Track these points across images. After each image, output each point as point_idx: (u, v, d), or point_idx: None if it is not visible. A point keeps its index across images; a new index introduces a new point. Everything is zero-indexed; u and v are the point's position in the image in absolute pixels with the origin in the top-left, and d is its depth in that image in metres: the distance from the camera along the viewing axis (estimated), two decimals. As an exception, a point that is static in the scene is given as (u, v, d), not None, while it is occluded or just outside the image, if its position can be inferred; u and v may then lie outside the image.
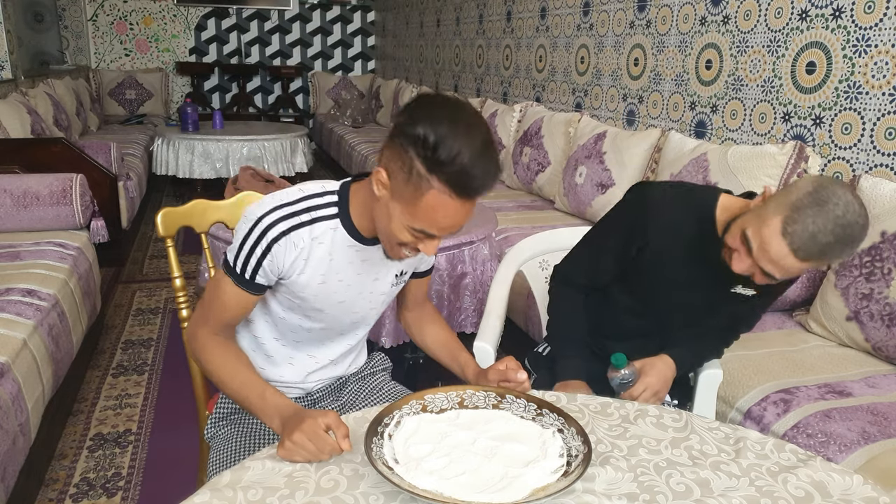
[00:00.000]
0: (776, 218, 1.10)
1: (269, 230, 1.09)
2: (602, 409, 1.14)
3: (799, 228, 1.07)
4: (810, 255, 1.08)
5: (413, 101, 1.00)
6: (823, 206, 1.06)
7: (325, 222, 1.12)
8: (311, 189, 1.14)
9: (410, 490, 0.86)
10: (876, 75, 2.10)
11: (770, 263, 1.13)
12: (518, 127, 3.96)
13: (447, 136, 0.93)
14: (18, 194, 2.70)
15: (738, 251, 1.19)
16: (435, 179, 0.95)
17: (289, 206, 1.11)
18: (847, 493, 0.92)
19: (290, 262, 1.12)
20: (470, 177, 0.95)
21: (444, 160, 0.93)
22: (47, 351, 1.98)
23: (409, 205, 0.99)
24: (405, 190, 0.99)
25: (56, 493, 1.91)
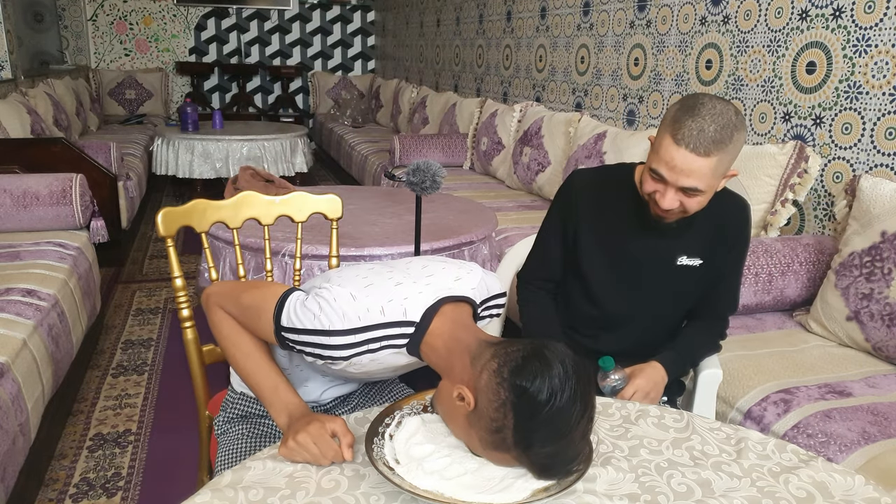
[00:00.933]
0: (665, 138, 1.24)
1: (331, 350, 1.01)
2: (603, 409, 1.14)
3: (685, 132, 1.20)
4: (707, 147, 1.20)
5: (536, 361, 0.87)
6: (695, 108, 1.21)
7: (393, 349, 1.05)
8: (392, 314, 1.03)
9: (411, 490, 0.86)
10: (876, 75, 2.10)
11: (683, 175, 1.23)
12: (518, 127, 3.96)
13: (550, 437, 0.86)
14: (18, 194, 2.70)
15: (657, 190, 1.29)
16: (517, 454, 0.89)
17: (363, 333, 1.01)
18: (849, 494, 0.92)
19: (339, 368, 1.07)
20: (549, 474, 0.90)
21: (535, 453, 0.87)
22: (47, 351, 1.98)
23: (480, 442, 0.92)
24: (483, 432, 0.90)
25: (56, 493, 1.91)
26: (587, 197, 1.47)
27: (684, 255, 1.42)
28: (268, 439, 1.26)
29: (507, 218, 3.12)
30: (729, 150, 1.22)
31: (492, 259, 2.37)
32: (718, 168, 1.24)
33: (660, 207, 1.30)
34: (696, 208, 1.29)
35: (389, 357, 1.06)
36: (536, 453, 0.87)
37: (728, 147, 1.22)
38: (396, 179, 2.12)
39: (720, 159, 1.22)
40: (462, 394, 0.92)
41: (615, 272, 1.46)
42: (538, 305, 1.58)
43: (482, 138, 4.27)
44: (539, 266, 1.58)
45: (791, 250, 2.04)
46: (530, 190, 3.69)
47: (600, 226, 1.46)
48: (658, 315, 1.51)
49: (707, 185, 1.24)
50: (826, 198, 2.30)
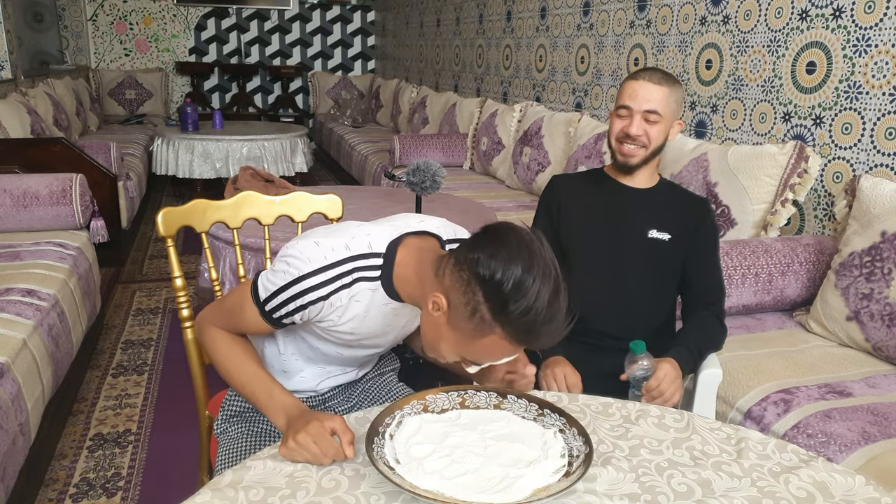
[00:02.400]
0: (625, 83, 1.55)
1: (309, 293, 1.05)
2: (603, 409, 1.14)
3: (641, 72, 1.53)
4: (660, 79, 1.51)
5: (486, 237, 0.93)
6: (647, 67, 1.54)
7: (366, 283, 1.08)
8: (357, 247, 1.08)
9: (412, 490, 0.86)
10: (876, 75, 2.10)
11: (645, 100, 1.51)
12: (518, 127, 3.96)
13: (519, 289, 0.88)
14: (18, 194, 2.69)
15: (625, 125, 1.54)
16: (499, 327, 0.91)
17: (333, 269, 1.05)
18: (849, 494, 0.92)
19: (325, 316, 1.09)
20: (536, 333, 0.91)
21: (512, 314, 0.89)
22: (47, 351, 1.98)
23: (467, 339, 0.95)
24: (464, 325, 0.94)
25: (56, 493, 1.91)
26: (568, 189, 1.68)
27: (654, 229, 1.58)
28: (267, 438, 1.26)
29: (506, 218, 3.12)
30: (676, 90, 1.53)
31: (492, 259, 2.37)
32: (670, 99, 1.52)
33: (629, 137, 1.53)
34: (656, 138, 1.53)
35: (369, 297, 1.09)
36: (515, 314, 0.89)
37: (675, 87, 1.53)
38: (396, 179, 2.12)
39: (670, 92, 1.52)
40: (435, 301, 0.96)
41: (593, 243, 1.61)
42: None
43: (482, 138, 4.27)
44: None
45: (791, 250, 2.04)
46: (530, 190, 3.69)
47: (579, 204, 1.65)
48: (640, 293, 1.58)
49: (664, 111, 1.51)
50: (826, 198, 2.30)
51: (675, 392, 1.38)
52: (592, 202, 1.64)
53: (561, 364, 1.44)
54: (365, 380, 1.41)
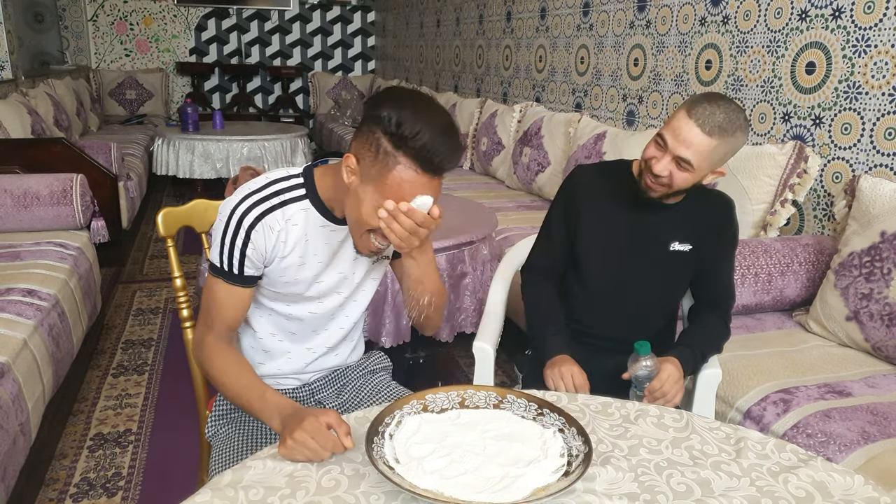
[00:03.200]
0: (680, 111, 1.37)
1: (244, 219, 1.13)
2: (603, 408, 1.14)
3: (700, 109, 1.34)
4: (713, 128, 1.33)
5: (380, 91, 1.09)
6: (715, 98, 1.36)
7: (296, 203, 1.16)
8: (276, 175, 1.18)
9: (411, 490, 0.86)
10: (876, 75, 2.10)
11: (683, 146, 1.35)
12: (518, 127, 3.96)
13: (410, 116, 1.00)
14: (19, 194, 2.70)
15: (655, 156, 1.39)
16: (401, 154, 1.01)
17: (257, 193, 1.15)
18: (848, 494, 0.93)
19: (271, 246, 1.15)
20: (433, 152, 1.01)
21: (408, 136, 1.00)
22: (47, 351, 1.98)
23: (379, 184, 1.04)
24: (373, 169, 1.04)
25: (56, 493, 1.92)
26: (589, 184, 1.58)
27: (676, 241, 1.51)
28: (260, 438, 1.26)
29: (507, 218, 3.12)
30: (728, 142, 1.35)
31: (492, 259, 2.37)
32: (714, 154, 1.35)
33: (652, 172, 1.40)
34: (681, 185, 1.40)
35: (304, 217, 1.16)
36: (410, 135, 1.00)
37: (728, 138, 1.34)
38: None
39: (718, 145, 1.34)
40: (347, 165, 1.07)
41: (612, 255, 1.55)
42: (541, 293, 1.61)
43: (482, 138, 4.27)
44: (542, 256, 1.64)
45: (790, 250, 2.04)
46: (530, 190, 3.69)
47: (601, 212, 1.56)
48: (651, 301, 1.57)
49: (698, 164, 1.36)
50: (825, 198, 2.30)
51: (677, 393, 1.39)
52: (613, 211, 1.55)
53: (568, 363, 1.43)
54: (356, 376, 1.41)
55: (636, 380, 1.39)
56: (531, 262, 1.67)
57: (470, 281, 2.28)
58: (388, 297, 2.10)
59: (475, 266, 2.29)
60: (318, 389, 1.37)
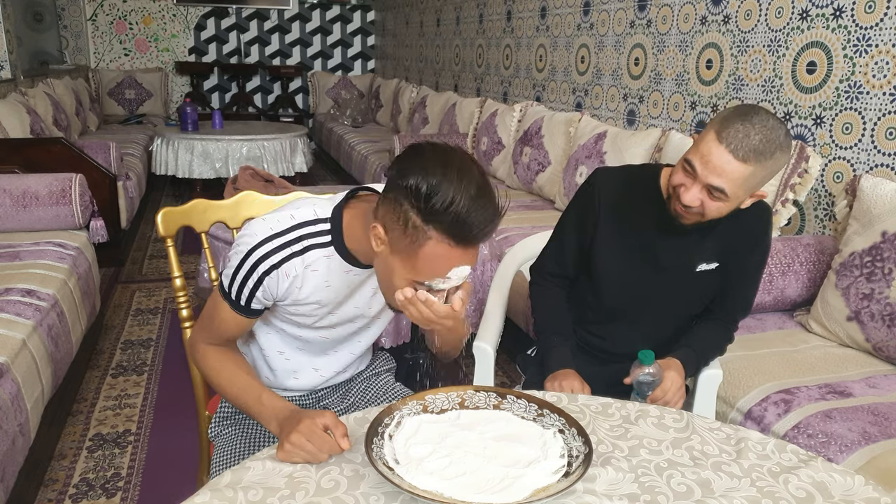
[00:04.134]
0: (710, 133, 1.21)
1: (260, 263, 1.08)
2: (603, 409, 1.14)
3: (731, 131, 1.18)
4: (748, 153, 1.17)
5: (402, 153, 0.98)
6: (748, 114, 1.19)
7: (319, 250, 1.10)
8: (302, 215, 1.11)
9: (411, 490, 0.86)
10: (876, 75, 2.09)
11: (714, 174, 1.20)
12: (518, 127, 3.95)
13: (440, 185, 0.90)
14: (18, 194, 2.69)
15: (684, 184, 1.26)
16: (432, 229, 0.93)
17: (280, 237, 1.08)
18: (848, 494, 0.92)
19: (283, 289, 1.11)
20: (468, 224, 0.92)
21: (438, 209, 0.91)
22: (47, 351, 1.98)
23: (410, 258, 0.96)
24: (403, 243, 0.96)
25: (56, 494, 1.91)
26: (610, 196, 1.44)
27: (703, 263, 1.41)
28: (262, 440, 1.26)
29: (507, 218, 3.10)
30: (766, 166, 1.20)
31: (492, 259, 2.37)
32: (750, 180, 1.20)
33: (681, 202, 1.27)
34: (714, 215, 1.26)
35: (326, 265, 1.10)
36: (440, 208, 0.90)
37: (766, 162, 1.19)
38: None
39: (755, 171, 1.19)
40: (374, 233, 1.00)
41: (633, 274, 1.45)
42: (549, 297, 1.56)
43: (482, 138, 4.27)
44: (553, 262, 1.57)
45: (791, 250, 2.04)
46: (530, 190, 3.69)
47: (622, 226, 1.43)
48: (668, 319, 1.51)
49: (733, 193, 1.21)
50: (826, 198, 2.30)
51: (679, 401, 1.37)
52: (635, 225, 1.42)
53: (570, 378, 1.39)
54: (361, 379, 1.40)
55: (638, 386, 1.37)
56: (541, 265, 1.60)
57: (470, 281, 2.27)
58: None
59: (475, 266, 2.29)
60: (324, 396, 1.37)
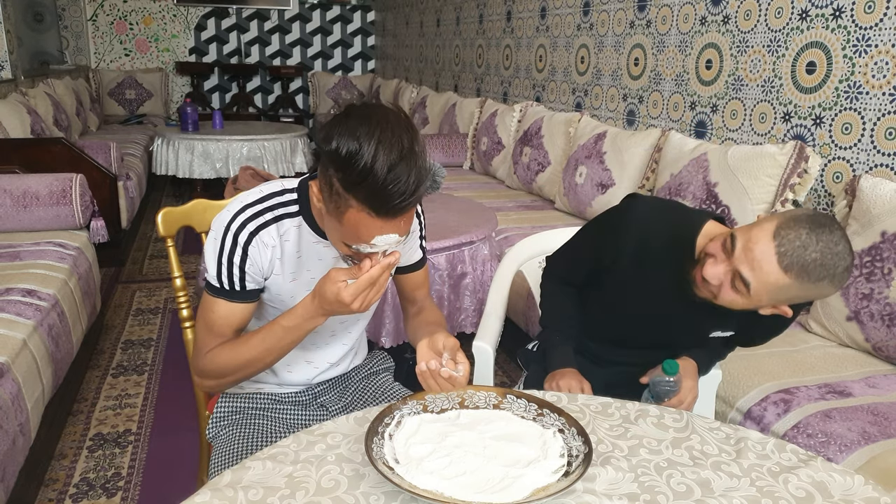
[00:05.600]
0: (771, 222, 1.09)
1: (240, 233, 1.09)
2: (603, 409, 1.14)
3: (792, 235, 1.05)
4: (793, 265, 1.05)
5: (334, 117, 0.96)
6: (821, 227, 1.05)
7: (289, 220, 1.13)
8: (270, 188, 1.14)
9: (411, 490, 0.86)
10: (876, 75, 2.09)
11: (749, 265, 1.08)
12: (518, 127, 3.96)
13: (358, 153, 0.89)
14: (18, 194, 2.70)
15: (715, 256, 1.14)
16: (351, 198, 0.92)
17: (251, 208, 1.11)
18: (848, 494, 0.92)
19: (267, 261, 1.12)
20: (384, 196, 0.91)
21: (355, 180, 0.90)
22: (47, 351, 1.98)
23: (337, 222, 0.98)
24: (331, 206, 0.97)
25: (56, 494, 1.91)
26: (640, 233, 1.30)
27: (718, 330, 1.35)
28: (261, 440, 1.26)
29: (507, 218, 3.12)
30: (808, 288, 1.07)
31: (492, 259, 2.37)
32: (781, 292, 1.09)
33: (700, 273, 1.17)
34: (726, 304, 1.16)
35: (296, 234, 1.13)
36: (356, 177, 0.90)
37: (808, 284, 1.07)
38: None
39: (791, 286, 1.07)
40: (312, 190, 1.03)
41: (642, 320, 1.39)
42: (560, 294, 1.53)
43: (482, 138, 4.27)
44: (565, 271, 1.52)
45: (791, 250, 2.04)
46: (530, 190, 3.69)
47: (643, 266, 1.32)
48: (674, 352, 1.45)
49: (755, 293, 1.10)
50: (826, 198, 2.30)
51: (691, 407, 1.36)
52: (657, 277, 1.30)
53: (568, 377, 1.37)
54: (359, 378, 1.40)
55: (654, 389, 1.33)
56: (552, 268, 1.54)
57: (470, 281, 2.27)
58: (388, 297, 2.10)
59: (475, 266, 2.29)
60: (322, 393, 1.37)
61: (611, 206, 1.44)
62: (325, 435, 1.02)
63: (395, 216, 0.95)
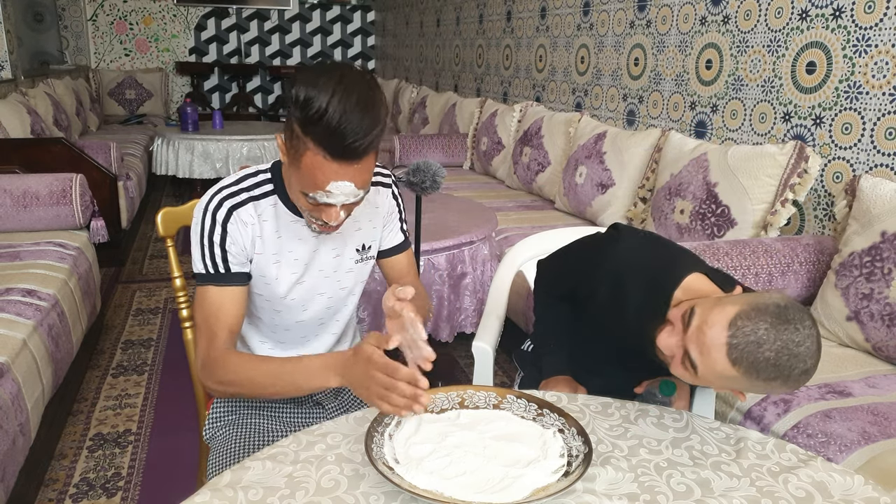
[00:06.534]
0: (733, 307, 0.96)
1: (217, 213, 1.12)
2: (603, 409, 1.14)
3: (749, 328, 0.93)
4: (741, 360, 0.94)
5: (301, 70, 1.01)
6: (785, 323, 0.93)
7: (265, 199, 1.15)
8: (245, 172, 1.17)
9: (411, 490, 0.86)
10: (876, 75, 2.09)
11: (697, 348, 0.98)
12: (518, 127, 3.96)
13: (317, 94, 0.93)
14: (18, 194, 2.69)
15: (674, 326, 1.05)
16: (309, 140, 0.96)
17: (226, 189, 1.14)
18: (848, 494, 0.92)
19: (248, 240, 1.14)
20: (339, 135, 0.94)
21: (312, 117, 0.94)
22: (47, 351, 1.98)
23: (296, 168, 1.01)
24: (291, 153, 1.00)
25: (56, 494, 1.91)
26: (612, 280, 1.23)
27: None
28: (258, 440, 1.26)
29: (507, 218, 3.12)
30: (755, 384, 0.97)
31: (492, 259, 2.37)
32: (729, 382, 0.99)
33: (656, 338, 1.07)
34: (678, 375, 1.06)
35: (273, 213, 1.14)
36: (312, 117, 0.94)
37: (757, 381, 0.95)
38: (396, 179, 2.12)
39: (739, 378, 0.96)
40: (277, 142, 1.04)
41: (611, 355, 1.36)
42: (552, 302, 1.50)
43: (482, 138, 4.27)
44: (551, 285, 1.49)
45: (791, 250, 2.04)
46: (530, 190, 3.69)
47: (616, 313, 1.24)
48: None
49: (703, 376, 1.01)
50: (826, 198, 2.30)
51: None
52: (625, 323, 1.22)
53: (561, 384, 1.37)
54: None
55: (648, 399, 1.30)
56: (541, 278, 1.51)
57: (470, 281, 2.27)
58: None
59: (475, 266, 2.28)
60: (324, 401, 1.37)
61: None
62: (325, 435, 1.02)
63: (350, 160, 0.97)
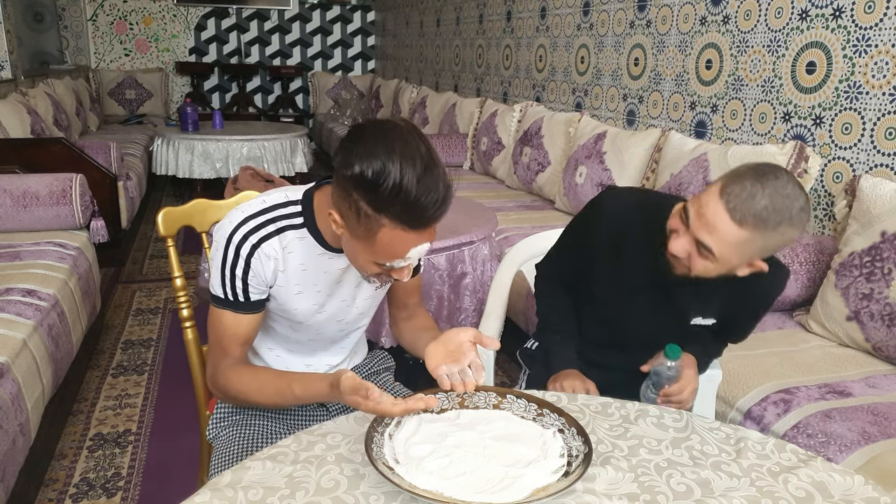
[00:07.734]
0: (716, 185, 1.10)
1: (241, 245, 1.09)
2: (603, 409, 1.14)
3: (737, 189, 1.06)
4: (745, 217, 1.05)
5: (346, 136, 0.97)
6: (764, 175, 1.06)
7: (293, 231, 1.11)
8: (273, 199, 1.12)
9: (411, 490, 0.86)
10: (876, 75, 2.09)
11: (706, 230, 1.09)
12: (518, 127, 3.96)
13: (384, 170, 0.89)
14: (18, 194, 2.69)
15: (677, 230, 1.16)
16: (384, 218, 0.93)
17: (253, 219, 1.10)
18: (848, 494, 0.92)
19: (270, 273, 1.12)
20: (418, 209, 0.92)
21: (387, 198, 0.90)
22: (47, 351, 1.98)
23: (368, 243, 0.97)
24: (360, 230, 0.96)
25: (56, 494, 1.91)
26: (616, 219, 1.32)
27: (700, 316, 1.33)
28: (261, 440, 1.26)
29: (507, 218, 3.12)
30: (767, 236, 1.07)
31: (492, 259, 2.37)
32: (745, 247, 1.08)
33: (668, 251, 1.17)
34: (701, 273, 1.15)
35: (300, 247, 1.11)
36: (387, 196, 0.90)
37: (767, 232, 1.06)
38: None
39: (752, 239, 1.07)
40: (332, 219, 1.00)
41: (626, 312, 1.39)
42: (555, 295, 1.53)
43: (482, 138, 4.27)
44: (555, 271, 1.53)
45: (791, 250, 2.04)
46: (530, 190, 3.69)
47: (621, 258, 1.33)
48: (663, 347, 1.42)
49: (721, 255, 1.10)
50: (826, 198, 2.30)
51: (689, 402, 1.34)
52: (634, 265, 1.31)
53: (571, 378, 1.37)
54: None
55: (655, 377, 1.31)
56: (545, 268, 1.56)
57: (470, 281, 2.27)
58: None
59: (475, 266, 2.28)
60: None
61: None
62: (325, 435, 1.02)
63: (430, 226, 0.96)
